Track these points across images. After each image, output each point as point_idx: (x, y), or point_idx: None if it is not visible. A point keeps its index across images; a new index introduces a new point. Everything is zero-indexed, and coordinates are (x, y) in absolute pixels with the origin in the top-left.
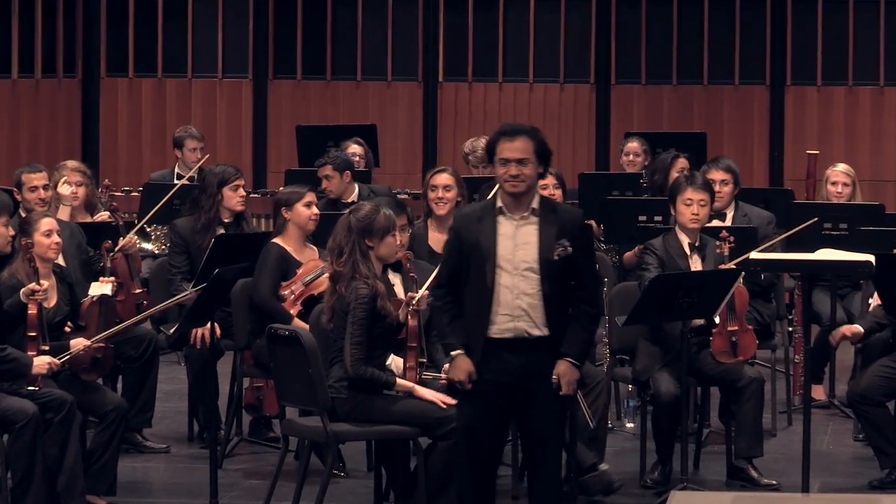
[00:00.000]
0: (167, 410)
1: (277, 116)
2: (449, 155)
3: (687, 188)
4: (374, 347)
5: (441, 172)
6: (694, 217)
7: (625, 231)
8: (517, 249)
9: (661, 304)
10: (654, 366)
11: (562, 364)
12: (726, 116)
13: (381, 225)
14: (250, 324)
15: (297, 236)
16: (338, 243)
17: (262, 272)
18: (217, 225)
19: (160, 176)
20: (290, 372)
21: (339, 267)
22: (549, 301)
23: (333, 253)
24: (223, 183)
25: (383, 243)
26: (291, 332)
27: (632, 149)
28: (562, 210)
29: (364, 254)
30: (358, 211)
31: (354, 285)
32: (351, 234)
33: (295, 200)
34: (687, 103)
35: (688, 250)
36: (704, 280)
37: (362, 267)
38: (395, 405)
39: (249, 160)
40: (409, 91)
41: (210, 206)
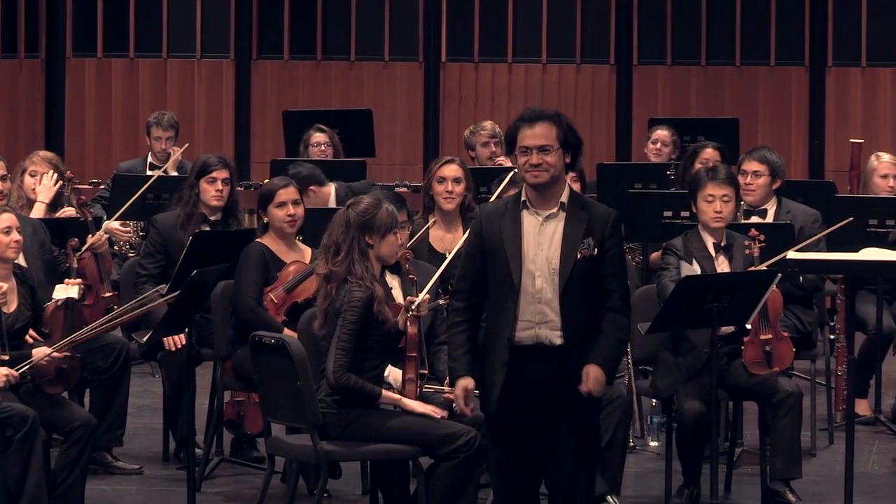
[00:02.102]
0: (140, 427)
1: (262, 101)
2: (453, 144)
3: (707, 183)
4: (370, 357)
5: (450, 163)
6: (717, 215)
7: (648, 228)
8: (539, 248)
9: (688, 309)
10: (677, 380)
11: (590, 367)
12: (761, 101)
13: (383, 221)
14: (232, 331)
15: (281, 236)
16: (334, 240)
17: (243, 277)
18: (202, 222)
19: (129, 166)
20: (276, 385)
21: (335, 266)
22: (567, 307)
23: (329, 251)
24: (201, 173)
25: (384, 242)
26: (277, 340)
27: (660, 137)
28: (593, 207)
29: (363, 252)
30: (357, 204)
31: (348, 287)
32: (349, 229)
33: (267, 201)
34: (717, 86)
35: (712, 251)
36: (737, 282)
37: (359, 267)
38: (393, 421)
39: (231, 149)
40: (409, 72)
41: (189, 199)
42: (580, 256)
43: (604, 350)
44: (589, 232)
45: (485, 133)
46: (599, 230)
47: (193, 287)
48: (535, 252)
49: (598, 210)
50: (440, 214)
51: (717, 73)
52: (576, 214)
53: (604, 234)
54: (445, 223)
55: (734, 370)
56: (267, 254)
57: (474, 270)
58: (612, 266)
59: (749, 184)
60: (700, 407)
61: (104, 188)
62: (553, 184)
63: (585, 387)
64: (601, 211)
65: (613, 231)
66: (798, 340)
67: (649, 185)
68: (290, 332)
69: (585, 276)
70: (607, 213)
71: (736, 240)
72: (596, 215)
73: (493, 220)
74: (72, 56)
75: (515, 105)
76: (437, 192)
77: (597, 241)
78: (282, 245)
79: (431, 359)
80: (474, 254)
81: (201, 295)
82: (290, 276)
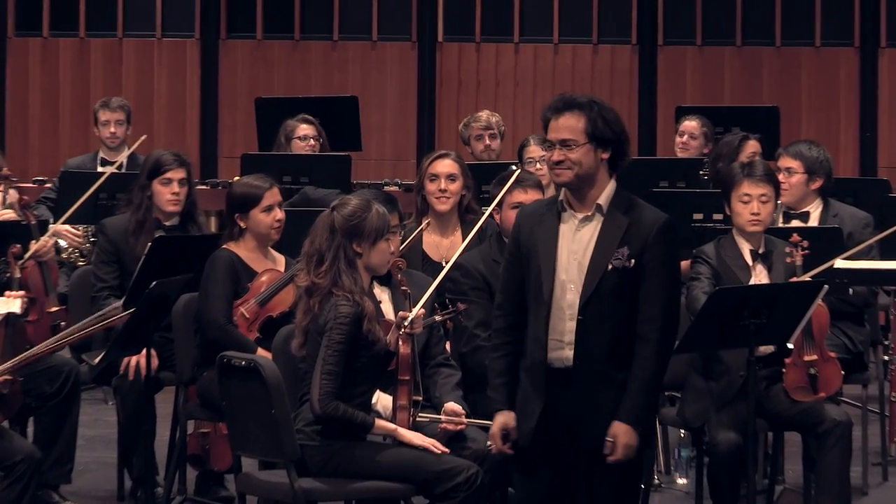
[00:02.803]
0: (91, 462)
1: (231, 86)
2: (450, 136)
3: (743, 181)
4: (359, 382)
5: (443, 158)
6: (754, 218)
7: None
8: (573, 256)
9: (721, 326)
10: (709, 408)
11: (618, 425)
12: (805, 87)
13: (373, 225)
14: (196, 351)
15: (255, 244)
16: (317, 248)
17: (210, 289)
18: (156, 228)
19: (79, 163)
20: (248, 413)
21: (318, 278)
22: (584, 325)
23: (311, 260)
24: (154, 173)
25: (375, 249)
26: (249, 362)
27: (688, 129)
28: (640, 211)
29: (350, 262)
30: (343, 206)
31: (334, 301)
32: (334, 236)
33: (251, 205)
34: (754, 70)
35: (749, 259)
36: (777, 295)
37: (346, 279)
38: (382, 455)
39: (196, 142)
40: (401, 54)
41: (140, 202)
42: (610, 268)
43: (632, 400)
44: (627, 240)
45: (478, 125)
46: (640, 238)
47: (152, 301)
48: (569, 260)
49: (644, 215)
50: (434, 217)
51: (755, 54)
52: (614, 219)
53: (645, 244)
54: (441, 227)
55: (774, 396)
56: (237, 262)
57: (514, 282)
58: (651, 284)
59: (782, 182)
60: (735, 438)
61: (50, 187)
62: (585, 183)
63: (614, 456)
64: (647, 216)
65: (659, 240)
66: (847, 362)
67: (676, 184)
68: (264, 351)
69: (617, 290)
70: (653, 220)
71: (776, 246)
72: (639, 221)
73: (531, 223)
74: (13, 35)
75: (523, 92)
76: (429, 192)
77: (634, 251)
78: (255, 253)
79: (426, 383)
80: (513, 262)
81: (161, 310)
82: (264, 286)
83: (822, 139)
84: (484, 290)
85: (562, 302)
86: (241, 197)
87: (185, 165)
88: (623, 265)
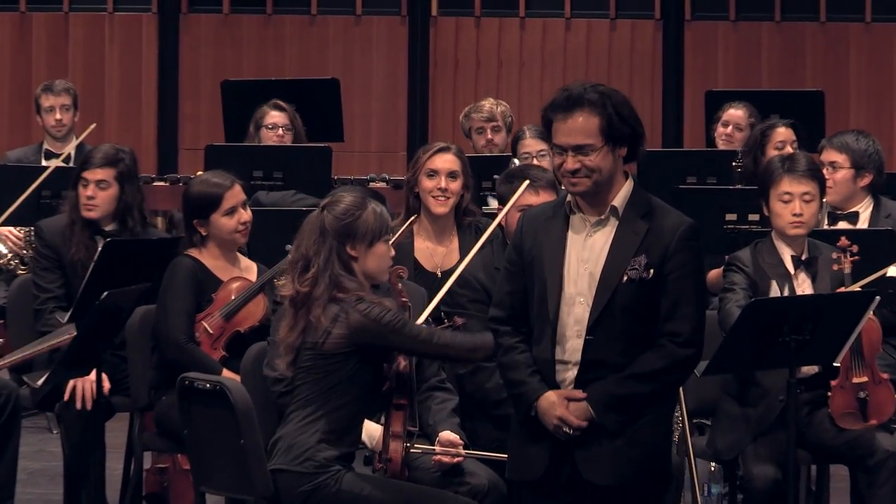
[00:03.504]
0: (33, 498)
1: (194, 67)
2: (446, 125)
3: (783, 177)
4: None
5: (444, 152)
6: (796, 220)
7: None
8: (583, 266)
9: (758, 343)
10: (744, 437)
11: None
12: (853, 68)
13: (369, 225)
14: (154, 373)
15: (219, 251)
16: (303, 252)
17: (169, 301)
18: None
19: (20, 155)
20: (213, 444)
21: (303, 286)
22: (595, 344)
23: (295, 267)
24: (78, 171)
25: (372, 253)
26: (214, 384)
27: (735, 118)
28: (660, 215)
29: (346, 266)
30: (334, 205)
31: (347, 306)
32: (325, 238)
33: (210, 209)
34: (796, 49)
35: (790, 266)
36: (822, 307)
37: (347, 282)
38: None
39: (153, 131)
40: (389, 30)
41: (74, 201)
42: (625, 279)
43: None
44: (645, 247)
45: (479, 116)
46: (660, 246)
47: (103, 314)
48: (578, 270)
49: (665, 219)
50: (429, 220)
51: (796, 31)
52: (631, 223)
53: (666, 252)
54: (436, 232)
55: (818, 424)
56: (200, 271)
57: (514, 295)
58: (672, 297)
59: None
60: (773, 473)
61: None
62: (602, 188)
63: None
64: (669, 221)
65: (681, 248)
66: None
67: (707, 180)
68: (231, 373)
69: (632, 305)
70: (676, 225)
71: (821, 252)
72: (660, 226)
73: (536, 228)
74: None
75: (530, 74)
76: (425, 190)
77: (654, 260)
78: (220, 260)
79: (419, 409)
80: (514, 273)
81: (113, 325)
82: (231, 297)
83: (872, 128)
84: (484, 303)
85: (568, 318)
86: (198, 200)
87: (115, 165)
88: (640, 276)
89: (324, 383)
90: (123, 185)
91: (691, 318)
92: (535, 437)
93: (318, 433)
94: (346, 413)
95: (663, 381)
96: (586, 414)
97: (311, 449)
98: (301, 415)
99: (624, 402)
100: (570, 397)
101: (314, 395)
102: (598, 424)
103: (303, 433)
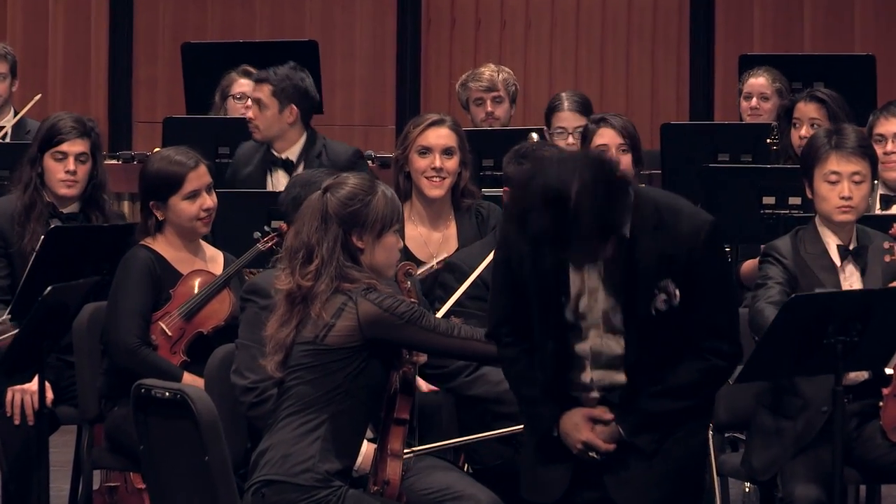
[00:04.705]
0: None
1: (150, 28)
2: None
3: (829, 154)
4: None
5: (437, 125)
6: (844, 204)
7: (740, 223)
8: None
9: (798, 346)
10: (783, 454)
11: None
12: None
13: (379, 212)
14: (104, 380)
15: (179, 240)
16: (304, 240)
17: (121, 298)
18: (50, 216)
19: None
20: (172, 460)
21: (305, 279)
22: (636, 380)
23: (296, 256)
24: (46, 144)
25: (380, 244)
26: (174, 392)
27: (756, 87)
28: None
29: (353, 257)
30: (339, 187)
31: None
32: (328, 225)
33: (169, 190)
34: (843, 5)
35: (836, 257)
36: (872, 304)
37: (354, 272)
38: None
39: (104, 102)
40: None
41: (30, 180)
42: (655, 312)
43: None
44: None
45: (478, 85)
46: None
47: (46, 312)
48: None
49: (679, 224)
50: (422, 203)
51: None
52: (644, 242)
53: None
54: (430, 216)
55: (868, 438)
56: (158, 264)
57: (512, 308)
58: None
59: (889, 153)
60: (817, 493)
61: None
62: None
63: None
64: (685, 226)
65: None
66: None
67: (740, 158)
68: (194, 377)
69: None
70: (694, 229)
71: (871, 240)
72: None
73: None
74: None
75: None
76: (417, 170)
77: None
78: (182, 251)
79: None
80: (505, 284)
81: (58, 324)
82: (191, 293)
83: None
84: (485, 300)
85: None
86: (155, 179)
87: (89, 135)
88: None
89: (324, 384)
90: (95, 162)
91: (729, 329)
92: (554, 457)
93: (319, 441)
94: (348, 420)
95: (702, 395)
96: (615, 436)
97: (312, 459)
98: (297, 421)
99: (659, 421)
100: (596, 418)
101: (312, 397)
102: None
103: (300, 441)
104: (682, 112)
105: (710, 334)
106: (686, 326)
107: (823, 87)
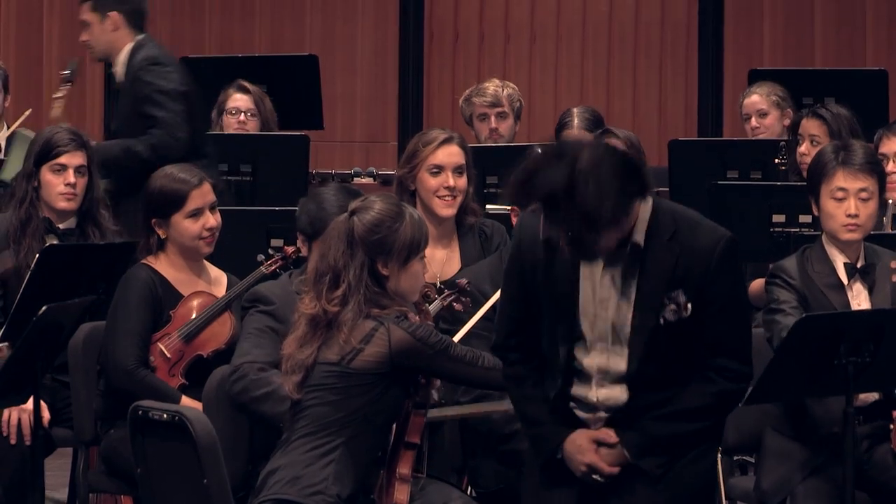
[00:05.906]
0: None
1: None
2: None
3: (836, 171)
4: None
5: (448, 143)
6: (850, 221)
7: (750, 241)
8: (600, 306)
9: (808, 367)
10: (792, 476)
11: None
12: None
13: (406, 239)
14: (101, 401)
15: (181, 260)
16: (330, 264)
17: (120, 319)
18: (46, 232)
19: None
20: (170, 483)
21: (332, 305)
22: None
23: (322, 280)
24: (43, 157)
25: (406, 272)
26: (172, 414)
27: (752, 106)
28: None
29: (379, 282)
30: (366, 211)
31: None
32: (354, 250)
33: (172, 208)
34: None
35: (843, 275)
36: (883, 324)
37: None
38: None
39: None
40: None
41: (25, 195)
42: (663, 322)
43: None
44: (679, 278)
45: (482, 101)
46: (697, 273)
47: (41, 332)
48: (595, 304)
49: (697, 237)
50: (430, 223)
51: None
52: (658, 251)
53: (705, 277)
54: (437, 236)
55: (880, 461)
56: (159, 284)
57: (522, 320)
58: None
59: (891, 173)
60: None
61: None
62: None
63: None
64: (703, 240)
65: (723, 270)
66: None
67: (750, 175)
68: (192, 401)
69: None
70: (711, 243)
71: (880, 258)
72: (692, 248)
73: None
74: None
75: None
76: (429, 190)
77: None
78: (183, 272)
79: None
80: (515, 296)
81: (53, 344)
82: (191, 315)
83: None
84: (490, 319)
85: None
86: (158, 196)
87: (86, 148)
88: (681, 316)
89: (343, 406)
90: (92, 176)
91: (741, 350)
92: (559, 480)
93: (333, 465)
94: (363, 445)
95: (712, 417)
96: (620, 459)
97: (324, 482)
98: (311, 443)
99: (666, 444)
100: (601, 440)
101: (329, 419)
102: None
103: (313, 463)
104: (690, 128)
105: (720, 352)
106: (695, 343)
107: (835, 102)
